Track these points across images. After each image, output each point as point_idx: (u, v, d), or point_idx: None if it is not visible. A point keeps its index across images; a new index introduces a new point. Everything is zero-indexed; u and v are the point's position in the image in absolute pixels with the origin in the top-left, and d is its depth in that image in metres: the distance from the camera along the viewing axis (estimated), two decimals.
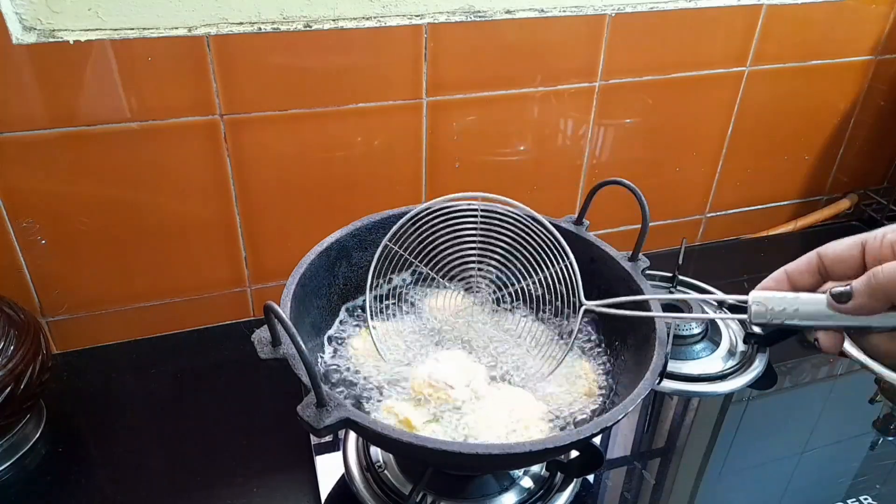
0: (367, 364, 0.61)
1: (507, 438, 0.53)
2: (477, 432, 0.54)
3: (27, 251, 0.72)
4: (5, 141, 0.65)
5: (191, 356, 0.81)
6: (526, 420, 0.55)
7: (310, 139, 0.76)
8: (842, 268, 0.40)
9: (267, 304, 0.45)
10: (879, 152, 1.09)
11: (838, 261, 0.40)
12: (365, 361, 0.61)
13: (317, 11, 0.70)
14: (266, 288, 0.85)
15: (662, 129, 0.92)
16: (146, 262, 0.77)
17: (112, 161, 0.70)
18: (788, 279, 0.42)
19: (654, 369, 0.51)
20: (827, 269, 0.41)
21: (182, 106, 0.69)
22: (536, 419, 0.55)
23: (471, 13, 0.75)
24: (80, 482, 0.64)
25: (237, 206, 0.77)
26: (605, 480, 0.66)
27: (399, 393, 0.58)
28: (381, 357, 0.60)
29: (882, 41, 0.96)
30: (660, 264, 0.85)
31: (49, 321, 0.77)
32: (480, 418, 0.55)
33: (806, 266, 0.42)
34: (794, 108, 0.98)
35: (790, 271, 0.42)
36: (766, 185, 1.06)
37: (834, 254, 0.41)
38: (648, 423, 0.73)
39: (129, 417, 0.72)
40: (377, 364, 0.61)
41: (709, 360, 0.79)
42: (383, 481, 0.61)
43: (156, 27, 0.65)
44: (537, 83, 0.82)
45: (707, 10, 0.84)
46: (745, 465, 0.68)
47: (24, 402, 0.62)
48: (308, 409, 0.45)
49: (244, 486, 0.64)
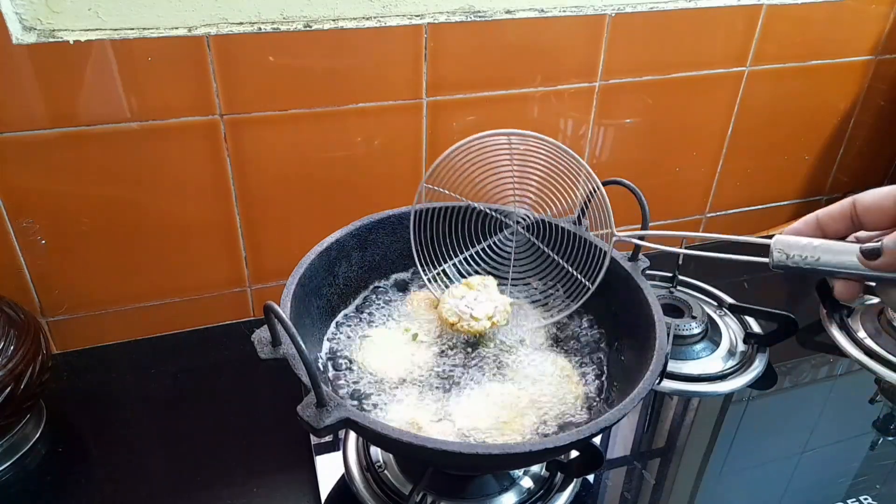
0: (367, 364, 0.61)
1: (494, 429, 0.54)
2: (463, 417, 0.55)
3: (27, 251, 0.72)
4: (5, 141, 0.65)
5: (191, 356, 0.81)
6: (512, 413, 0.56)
7: (310, 139, 0.76)
8: (875, 217, 0.40)
9: (267, 304, 0.45)
10: (879, 152, 1.09)
11: (873, 209, 0.39)
12: (366, 361, 0.61)
13: (317, 11, 0.70)
14: (266, 288, 0.85)
15: (662, 129, 0.92)
16: (146, 262, 0.77)
17: (112, 161, 0.70)
18: (819, 224, 0.41)
19: (654, 369, 0.51)
20: (860, 217, 0.40)
21: (182, 106, 0.69)
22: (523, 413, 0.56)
23: (471, 13, 0.75)
24: (80, 482, 0.64)
25: (237, 206, 0.77)
26: (605, 480, 0.66)
27: (400, 392, 0.58)
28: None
29: (882, 41, 0.96)
30: (660, 264, 0.85)
31: (49, 321, 0.77)
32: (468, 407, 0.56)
33: (839, 212, 0.41)
34: (794, 108, 0.98)
35: (821, 216, 0.42)
36: (766, 185, 1.06)
37: (870, 202, 0.40)
38: (648, 423, 0.73)
39: (129, 417, 0.72)
40: (377, 363, 0.61)
41: (709, 360, 0.79)
42: (383, 481, 0.61)
43: (156, 27, 0.65)
44: (537, 83, 0.82)
45: (707, 10, 0.84)
46: (745, 465, 0.68)
47: (24, 402, 0.62)
48: (308, 409, 0.45)
49: (244, 486, 0.64)
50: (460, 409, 0.57)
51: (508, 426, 0.55)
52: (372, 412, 0.56)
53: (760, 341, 0.81)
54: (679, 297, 0.84)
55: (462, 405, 0.57)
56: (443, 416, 0.56)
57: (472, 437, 0.54)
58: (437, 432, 0.54)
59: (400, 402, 0.57)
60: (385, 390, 0.58)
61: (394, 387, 0.59)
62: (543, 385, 0.59)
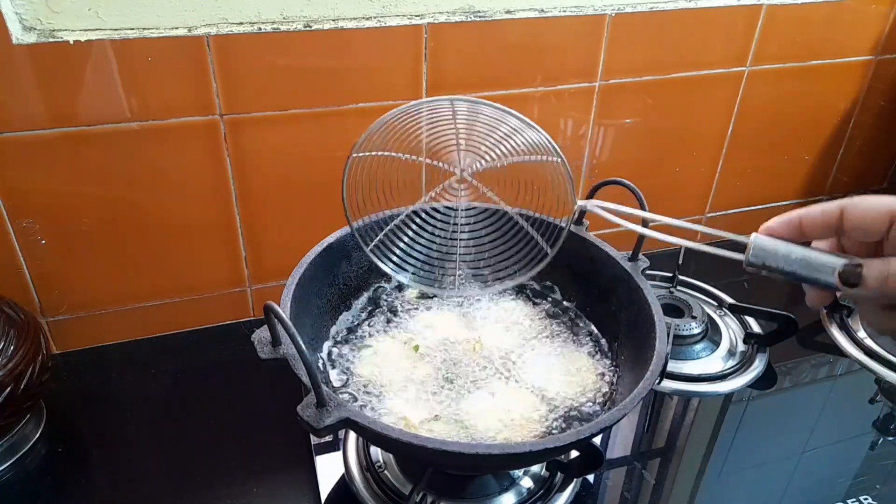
0: (368, 363, 0.61)
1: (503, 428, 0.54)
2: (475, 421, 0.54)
3: (27, 251, 0.72)
4: (5, 141, 0.65)
5: (191, 356, 0.81)
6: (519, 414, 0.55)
7: (310, 139, 0.76)
8: (861, 234, 0.36)
9: (267, 304, 0.45)
10: (879, 152, 1.09)
11: (860, 226, 0.36)
12: (367, 360, 0.61)
13: (317, 11, 0.70)
14: (266, 288, 0.85)
15: (662, 129, 0.92)
16: (146, 262, 0.77)
17: (112, 161, 0.70)
18: (801, 226, 0.38)
19: (654, 369, 0.51)
20: (846, 228, 0.36)
21: (182, 106, 0.69)
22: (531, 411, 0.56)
23: (471, 13, 0.75)
24: (80, 482, 0.64)
25: (237, 206, 0.77)
26: (605, 480, 0.66)
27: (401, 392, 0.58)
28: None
29: (882, 41, 0.96)
30: (660, 264, 0.85)
31: (49, 321, 0.77)
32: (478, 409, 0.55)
33: (823, 220, 0.37)
34: (794, 108, 0.98)
35: (804, 219, 0.38)
36: (766, 185, 1.06)
37: (859, 215, 0.36)
38: (648, 423, 0.73)
39: (129, 417, 0.72)
40: (377, 364, 0.61)
41: (709, 360, 0.79)
42: (383, 481, 0.61)
43: (156, 27, 0.65)
44: (537, 83, 0.82)
45: (707, 10, 0.84)
46: (745, 465, 0.68)
47: (24, 402, 0.62)
48: (308, 409, 0.45)
49: (244, 486, 0.64)
50: (468, 409, 0.57)
51: (516, 424, 0.55)
52: (373, 411, 0.56)
53: (760, 341, 0.81)
54: (679, 297, 0.84)
55: (465, 406, 0.57)
56: (443, 417, 0.56)
57: (481, 436, 0.54)
58: (443, 433, 0.54)
59: (405, 402, 0.57)
60: (385, 395, 0.58)
61: (397, 391, 0.58)
62: (547, 381, 0.60)
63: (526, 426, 0.56)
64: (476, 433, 0.55)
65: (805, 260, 0.37)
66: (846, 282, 0.35)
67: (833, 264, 0.36)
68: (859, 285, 0.35)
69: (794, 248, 0.37)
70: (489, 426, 0.55)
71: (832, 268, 0.36)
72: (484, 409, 0.57)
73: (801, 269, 0.37)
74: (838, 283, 0.36)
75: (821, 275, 0.36)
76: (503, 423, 0.56)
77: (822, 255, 0.37)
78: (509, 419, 0.56)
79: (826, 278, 0.36)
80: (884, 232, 0.35)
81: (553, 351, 0.63)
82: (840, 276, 0.35)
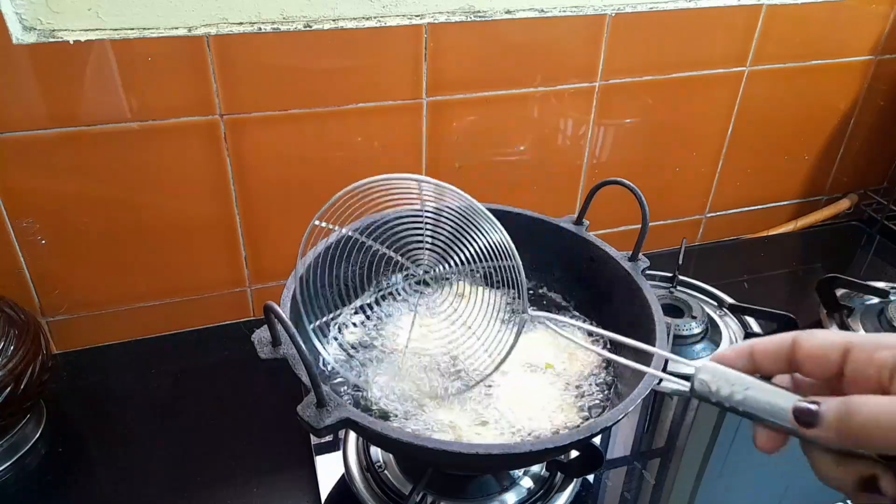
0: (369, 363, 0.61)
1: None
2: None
3: (27, 251, 0.72)
4: (5, 141, 0.65)
5: (191, 356, 0.81)
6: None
7: (310, 139, 0.76)
8: (815, 367, 0.34)
9: (267, 304, 0.45)
10: (879, 152, 1.09)
11: (813, 358, 0.33)
12: (367, 360, 0.61)
13: (317, 11, 0.70)
14: (266, 288, 0.85)
15: (662, 129, 0.92)
16: (146, 262, 0.77)
17: (112, 161, 0.70)
18: (753, 358, 0.36)
19: (654, 369, 0.51)
20: (799, 362, 0.34)
21: (182, 106, 0.69)
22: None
23: (471, 13, 0.75)
24: (80, 482, 0.64)
25: (237, 206, 0.77)
26: (605, 480, 0.66)
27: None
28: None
29: (882, 41, 0.96)
30: (660, 264, 0.85)
31: (49, 321, 0.77)
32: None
33: (774, 350, 0.35)
34: (794, 108, 0.98)
35: (757, 350, 0.35)
36: (766, 185, 1.06)
37: (811, 349, 0.33)
38: (648, 423, 0.73)
39: (129, 417, 0.72)
40: (378, 363, 0.61)
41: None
42: (383, 481, 0.61)
43: (156, 27, 0.65)
44: (537, 83, 0.82)
45: (707, 10, 0.84)
46: (745, 465, 0.68)
47: (24, 402, 0.62)
48: (308, 409, 0.45)
49: (244, 486, 0.64)
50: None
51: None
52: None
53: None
54: (679, 297, 0.84)
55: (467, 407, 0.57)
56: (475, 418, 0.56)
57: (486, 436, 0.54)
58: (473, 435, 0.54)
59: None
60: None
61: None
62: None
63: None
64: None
65: (758, 388, 0.34)
66: (801, 420, 0.32)
67: (788, 397, 0.33)
68: (816, 425, 0.31)
69: (746, 378, 0.34)
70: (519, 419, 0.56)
71: (787, 405, 0.32)
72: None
73: (750, 399, 0.34)
74: (792, 421, 0.32)
75: (773, 407, 0.33)
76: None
77: (777, 388, 0.34)
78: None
79: (782, 412, 0.33)
80: (838, 364, 0.33)
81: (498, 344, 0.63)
82: (795, 413, 0.32)
